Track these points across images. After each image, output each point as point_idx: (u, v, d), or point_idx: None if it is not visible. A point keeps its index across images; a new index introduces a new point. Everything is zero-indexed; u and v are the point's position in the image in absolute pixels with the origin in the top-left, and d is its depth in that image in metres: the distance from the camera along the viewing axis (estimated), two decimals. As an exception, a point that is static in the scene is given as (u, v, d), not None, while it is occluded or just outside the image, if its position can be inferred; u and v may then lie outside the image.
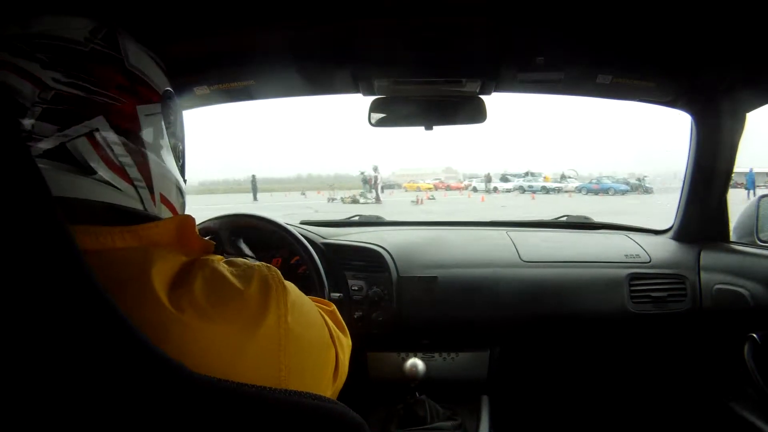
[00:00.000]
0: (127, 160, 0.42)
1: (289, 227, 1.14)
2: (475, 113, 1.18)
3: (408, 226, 1.54)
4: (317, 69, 1.10)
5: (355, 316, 1.21)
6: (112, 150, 0.41)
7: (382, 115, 1.20)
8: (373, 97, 1.17)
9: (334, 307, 0.58)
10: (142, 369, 0.31)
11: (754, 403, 1.13)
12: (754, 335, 1.05)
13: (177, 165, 0.50)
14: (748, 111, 1.17)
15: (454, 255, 1.29)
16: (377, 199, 17.98)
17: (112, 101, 0.41)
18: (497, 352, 1.27)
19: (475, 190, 23.70)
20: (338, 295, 1.13)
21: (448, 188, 27.49)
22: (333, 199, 19.35)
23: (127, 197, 0.41)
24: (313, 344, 0.44)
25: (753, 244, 1.22)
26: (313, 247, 1.12)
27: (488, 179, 24.68)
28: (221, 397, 0.33)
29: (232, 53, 1.03)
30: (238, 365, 0.36)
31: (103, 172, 0.40)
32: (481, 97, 1.16)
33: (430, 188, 26.33)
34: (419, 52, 1.01)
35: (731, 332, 1.13)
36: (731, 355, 1.12)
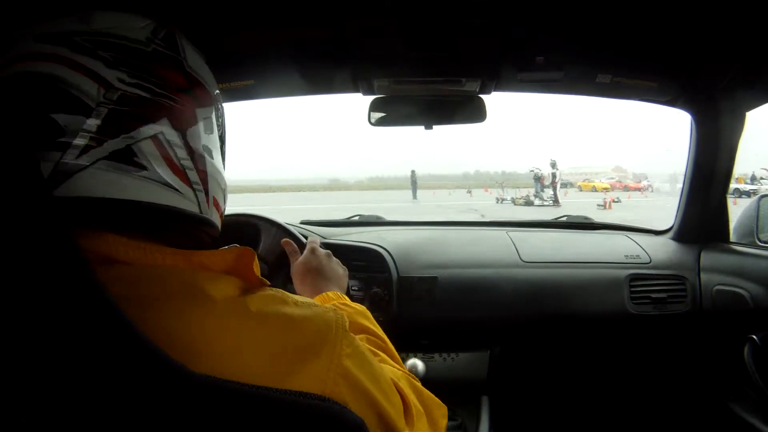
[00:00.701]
0: (188, 163, 0.41)
1: (289, 227, 1.13)
2: (474, 112, 1.18)
3: (408, 226, 1.54)
4: (317, 69, 1.10)
5: None
6: (175, 153, 0.40)
7: (381, 115, 1.20)
8: (373, 97, 1.17)
9: (417, 381, 0.56)
10: (142, 369, 0.31)
11: (753, 404, 1.13)
12: (754, 336, 1.05)
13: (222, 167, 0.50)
14: (748, 110, 1.17)
15: (454, 255, 1.29)
16: (555, 201, 15.57)
17: (174, 103, 0.40)
18: (497, 353, 1.26)
19: (653, 191, 20.88)
20: None
21: (626, 188, 24.61)
22: (503, 200, 17.37)
23: (186, 200, 0.41)
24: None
25: (753, 245, 1.21)
26: None
27: (674, 180, 19.25)
28: (221, 397, 0.33)
29: (232, 53, 1.03)
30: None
31: (166, 176, 0.39)
32: (481, 96, 1.16)
33: (606, 188, 23.48)
34: (419, 51, 1.01)
35: (731, 333, 1.13)
36: (731, 356, 1.12)
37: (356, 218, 1.66)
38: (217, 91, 0.48)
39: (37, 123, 0.35)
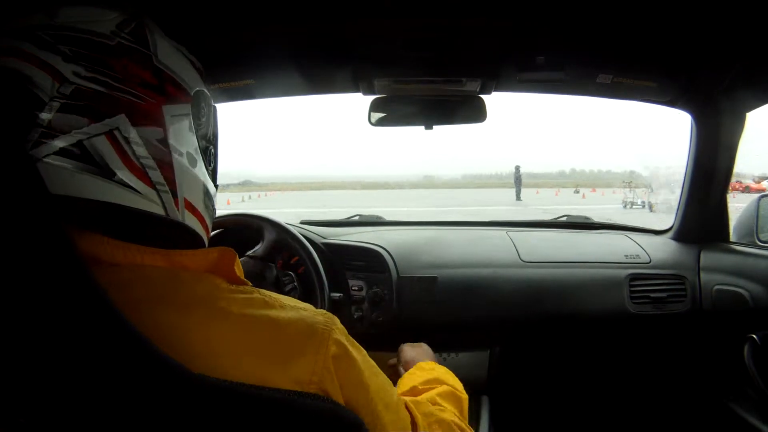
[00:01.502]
0: (149, 162, 0.39)
1: (289, 227, 1.13)
2: (475, 112, 1.18)
3: (408, 226, 1.54)
4: (317, 68, 1.10)
5: (355, 317, 1.21)
6: (133, 151, 0.38)
7: (382, 115, 1.20)
8: (374, 97, 1.17)
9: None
10: (141, 368, 0.31)
11: (753, 404, 1.13)
12: (754, 336, 1.05)
13: (207, 169, 0.47)
14: (748, 111, 1.17)
15: (454, 255, 1.29)
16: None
17: (135, 99, 0.39)
18: (497, 352, 1.26)
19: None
20: (338, 295, 1.13)
21: (747, 190, 21.97)
22: (632, 204, 12.90)
23: (147, 201, 0.39)
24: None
25: (753, 245, 1.22)
26: (313, 247, 1.12)
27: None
28: (220, 397, 0.33)
29: (233, 52, 1.02)
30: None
31: (123, 174, 0.38)
32: (482, 96, 1.16)
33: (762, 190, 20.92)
34: (419, 51, 1.01)
35: (731, 333, 1.13)
36: (731, 355, 1.12)
37: (356, 218, 1.66)
38: (199, 89, 0.46)
39: None
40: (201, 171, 0.46)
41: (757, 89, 1.12)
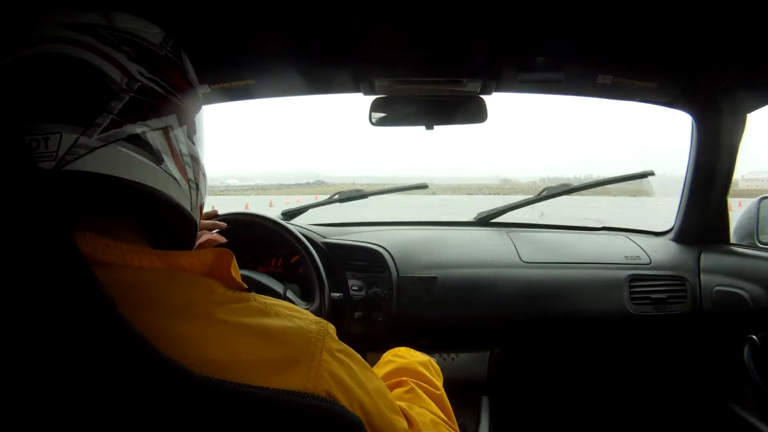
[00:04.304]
0: (188, 160, 0.44)
1: (289, 226, 1.13)
2: (475, 113, 1.18)
3: (408, 226, 1.54)
4: (318, 68, 1.10)
5: (355, 316, 1.21)
6: (180, 149, 0.43)
7: (382, 115, 1.20)
8: (374, 97, 1.17)
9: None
10: (140, 369, 0.31)
11: (753, 405, 1.13)
12: (754, 337, 1.05)
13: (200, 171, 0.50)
14: (749, 112, 1.18)
15: (454, 255, 1.29)
16: None
17: (180, 103, 0.43)
18: (497, 353, 1.26)
19: None
20: (338, 294, 1.13)
21: None
22: None
23: (182, 194, 0.43)
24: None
25: (753, 246, 1.22)
26: (313, 247, 1.12)
27: None
28: (220, 397, 0.33)
29: (233, 52, 1.03)
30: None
31: (171, 167, 0.42)
32: (482, 97, 1.16)
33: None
34: (420, 51, 1.01)
35: (731, 334, 1.13)
36: (731, 356, 1.12)
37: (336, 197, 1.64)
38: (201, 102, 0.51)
39: (61, 100, 0.37)
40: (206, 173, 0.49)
41: (758, 90, 1.12)
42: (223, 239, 0.77)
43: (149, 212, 0.42)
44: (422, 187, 1.60)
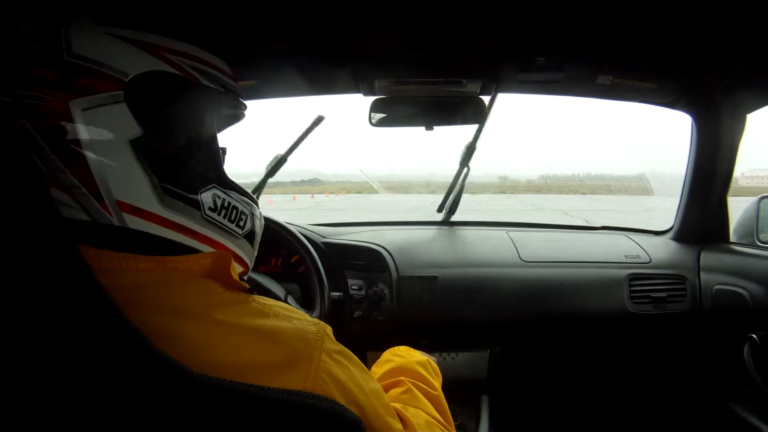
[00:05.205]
0: (55, 165, 0.37)
1: (289, 226, 1.14)
2: (475, 113, 1.18)
3: (408, 226, 1.54)
4: (318, 69, 1.10)
5: (355, 316, 1.21)
6: (39, 156, 0.36)
7: (382, 115, 1.20)
8: (374, 97, 1.18)
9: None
10: (142, 368, 0.31)
11: (753, 404, 1.13)
12: (754, 336, 1.05)
13: (189, 160, 0.43)
14: (749, 112, 1.18)
15: (454, 254, 1.29)
16: None
17: (37, 101, 0.37)
18: (497, 352, 1.27)
19: None
20: (338, 294, 1.13)
21: None
22: None
23: (67, 207, 0.37)
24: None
25: (753, 245, 1.22)
26: (313, 247, 1.12)
27: None
28: (220, 397, 0.33)
29: (234, 54, 1.02)
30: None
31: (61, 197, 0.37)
32: (482, 97, 1.16)
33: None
34: (420, 52, 1.01)
35: (731, 333, 1.13)
36: (731, 355, 1.12)
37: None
38: (148, 70, 0.41)
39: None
40: (142, 164, 0.40)
41: (758, 90, 1.12)
42: None
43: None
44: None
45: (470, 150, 1.33)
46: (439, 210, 1.46)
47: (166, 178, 0.41)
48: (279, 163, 1.30)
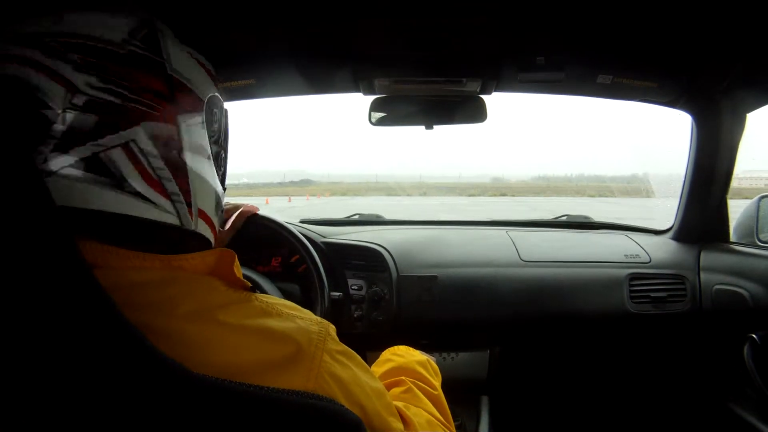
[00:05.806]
0: (164, 173, 0.39)
1: (288, 226, 1.13)
2: (475, 113, 1.18)
3: (408, 226, 1.54)
4: (317, 68, 1.10)
5: (355, 316, 1.21)
6: (149, 162, 0.38)
7: (382, 114, 1.20)
8: (374, 97, 1.17)
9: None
10: (141, 368, 0.31)
11: (753, 404, 1.13)
12: (754, 336, 1.05)
13: (218, 173, 0.48)
14: (749, 111, 1.18)
15: (454, 254, 1.29)
16: None
17: (150, 110, 0.38)
18: (497, 352, 1.27)
19: None
20: (338, 294, 1.13)
21: None
22: None
23: (161, 212, 0.39)
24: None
25: (753, 245, 1.22)
26: (313, 246, 1.12)
27: None
28: (220, 396, 0.33)
29: (233, 52, 1.03)
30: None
31: (139, 186, 0.38)
32: (482, 96, 1.16)
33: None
34: (420, 51, 1.01)
35: (731, 333, 1.13)
36: (731, 355, 1.12)
37: (356, 217, 1.66)
38: (213, 94, 0.46)
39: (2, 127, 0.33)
40: (213, 177, 0.46)
41: (758, 90, 1.12)
42: (257, 208, 0.81)
43: (120, 233, 0.38)
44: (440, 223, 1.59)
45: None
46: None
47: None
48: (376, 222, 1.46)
